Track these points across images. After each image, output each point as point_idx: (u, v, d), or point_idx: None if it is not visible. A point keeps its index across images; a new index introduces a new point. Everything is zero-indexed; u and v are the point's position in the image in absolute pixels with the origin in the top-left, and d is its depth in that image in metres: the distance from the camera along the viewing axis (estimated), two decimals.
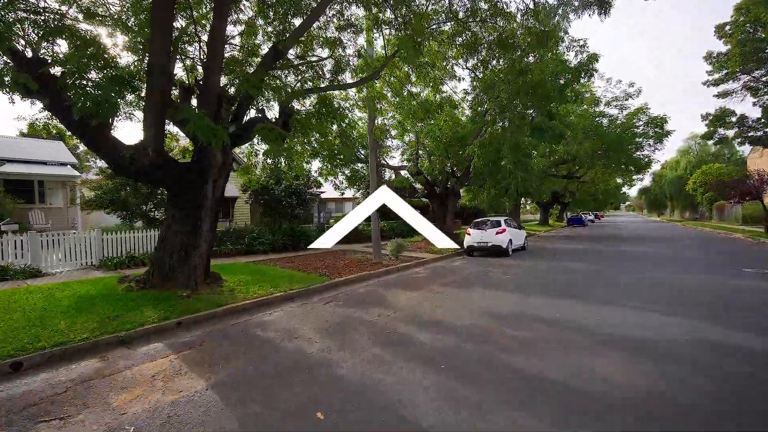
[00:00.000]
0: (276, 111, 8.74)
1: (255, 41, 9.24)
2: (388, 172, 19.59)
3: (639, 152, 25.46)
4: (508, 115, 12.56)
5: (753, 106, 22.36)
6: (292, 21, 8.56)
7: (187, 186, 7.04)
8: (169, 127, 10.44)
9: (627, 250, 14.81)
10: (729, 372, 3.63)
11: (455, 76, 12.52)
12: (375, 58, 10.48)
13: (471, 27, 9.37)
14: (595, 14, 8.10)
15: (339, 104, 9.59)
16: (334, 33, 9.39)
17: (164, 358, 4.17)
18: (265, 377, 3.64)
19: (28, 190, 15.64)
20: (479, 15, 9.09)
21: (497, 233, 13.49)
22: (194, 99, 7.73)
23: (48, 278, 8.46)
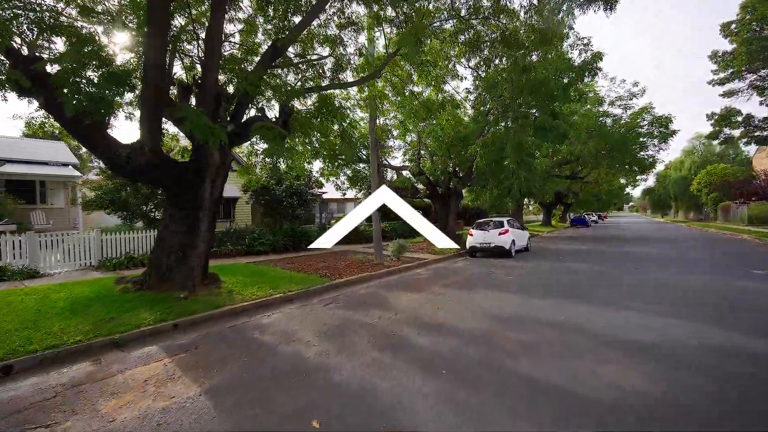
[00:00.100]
0: (276, 110, 8.65)
1: (255, 39, 9.16)
2: (390, 173, 19.45)
3: (643, 152, 25.02)
4: (511, 115, 12.38)
5: (760, 106, 22.18)
6: (292, 19, 8.46)
7: (185, 185, 6.94)
8: (170, 128, 10.41)
9: (631, 251, 14.60)
10: (731, 372, 3.56)
11: (457, 75, 12.40)
12: (376, 57, 10.36)
13: (473, 25, 9.25)
14: (601, 9, 7.95)
15: (340, 104, 9.50)
16: (335, 31, 9.29)
17: (158, 362, 4.06)
18: (262, 381, 3.53)
19: (30, 191, 15.64)
20: (482, 12, 8.96)
21: (500, 234, 13.32)
22: (193, 98, 7.65)
23: (46, 279, 8.39)
